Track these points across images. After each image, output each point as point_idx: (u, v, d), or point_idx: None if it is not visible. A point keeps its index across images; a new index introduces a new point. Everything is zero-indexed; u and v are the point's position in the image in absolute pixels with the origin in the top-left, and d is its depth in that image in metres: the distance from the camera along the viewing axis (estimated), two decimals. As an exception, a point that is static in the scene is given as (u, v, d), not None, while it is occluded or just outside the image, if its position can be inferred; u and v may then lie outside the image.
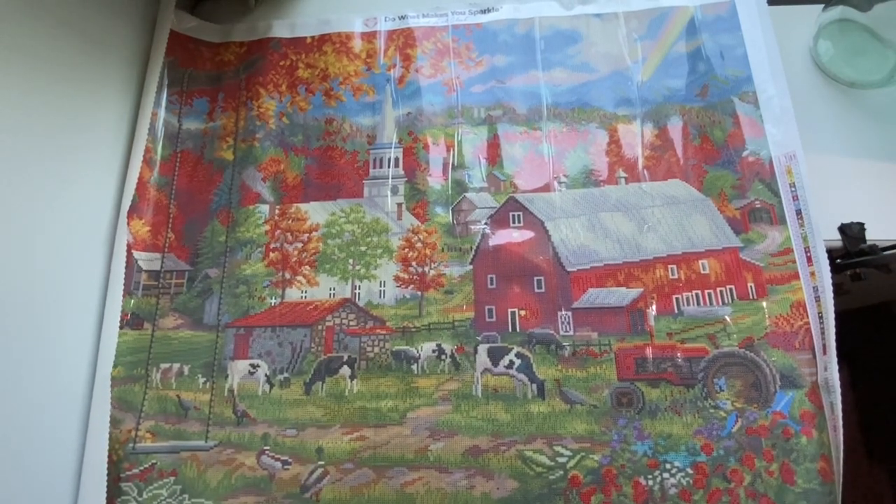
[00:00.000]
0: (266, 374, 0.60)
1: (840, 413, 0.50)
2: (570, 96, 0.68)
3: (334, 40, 0.74)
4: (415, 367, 0.59)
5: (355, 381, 0.59)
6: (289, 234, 0.66)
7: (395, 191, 0.67)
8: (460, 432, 0.56)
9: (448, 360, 0.59)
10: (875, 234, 0.58)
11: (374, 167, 0.68)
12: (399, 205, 0.66)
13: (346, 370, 0.59)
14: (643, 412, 0.55)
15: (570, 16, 0.71)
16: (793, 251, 0.57)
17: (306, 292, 0.64)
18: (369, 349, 0.60)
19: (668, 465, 0.53)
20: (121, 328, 0.61)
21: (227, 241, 0.66)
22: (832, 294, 0.53)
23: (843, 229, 0.59)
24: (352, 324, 0.62)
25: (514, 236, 0.63)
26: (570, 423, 0.55)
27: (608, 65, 0.69)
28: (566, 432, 0.55)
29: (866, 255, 0.57)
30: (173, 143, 0.69)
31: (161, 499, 0.56)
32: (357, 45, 0.74)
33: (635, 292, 0.59)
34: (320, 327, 0.62)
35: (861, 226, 0.58)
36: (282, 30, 0.75)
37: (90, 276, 0.62)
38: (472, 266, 0.62)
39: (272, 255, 0.65)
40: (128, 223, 0.64)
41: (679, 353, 0.56)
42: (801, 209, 0.58)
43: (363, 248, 0.65)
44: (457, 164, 0.67)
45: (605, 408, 0.55)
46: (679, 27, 0.69)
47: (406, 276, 0.63)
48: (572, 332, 0.58)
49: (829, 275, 0.54)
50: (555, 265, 0.61)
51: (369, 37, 0.74)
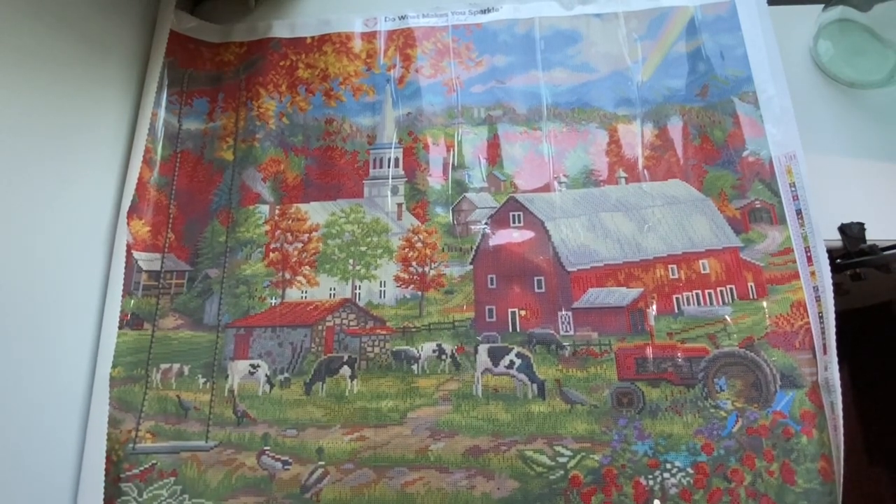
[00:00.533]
0: (266, 375, 0.60)
1: (840, 413, 0.50)
2: (570, 96, 0.68)
3: (334, 40, 0.74)
4: (415, 367, 0.59)
5: (355, 382, 0.59)
6: (289, 234, 0.66)
7: (395, 191, 0.67)
8: (461, 432, 0.56)
9: (448, 360, 0.59)
10: (875, 234, 0.58)
11: (374, 167, 0.68)
12: (399, 205, 0.66)
13: (346, 370, 0.59)
14: (644, 412, 0.55)
15: (570, 16, 0.71)
16: (793, 251, 0.57)
17: (306, 292, 0.64)
18: (369, 349, 0.60)
19: (668, 465, 0.53)
20: (121, 328, 0.61)
21: (228, 242, 0.66)
22: (832, 294, 0.53)
23: (843, 229, 0.59)
24: (352, 324, 0.62)
25: (514, 236, 0.63)
26: (570, 423, 0.55)
27: (608, 65, 0.69)
28: (567, 432, 0.55)
29: (866, 255, 0.57)
30: (173, 143, 0.69)
31: (161, 499, 0.56)
32: (357, 45, 0.74)
33: (635, 292, 0.59)
34: (320, 327, 0.62)
35: (861, 226, 0.58)
36: (282, 30, 0.75)
37: (90, 276, 0.62)
38: (472, 266, 0.62)
39: (272, 255, 0.65)
40: (128, 223, 0.64)
41: (679, 353, 0.56)
42: (801, 209, 0.58)
43: (363, 249, 0.65)
44: (457, 164, 0.67)
45: (605, 408, 0.55)
46: (679, 27, 0.69)
47: (406, 276, 0.63)
48: (573, 332, 0.58)
49: (830, 274, 0.53)
50: (555, 265, 0.61)
51: (369, 37, 0.74)
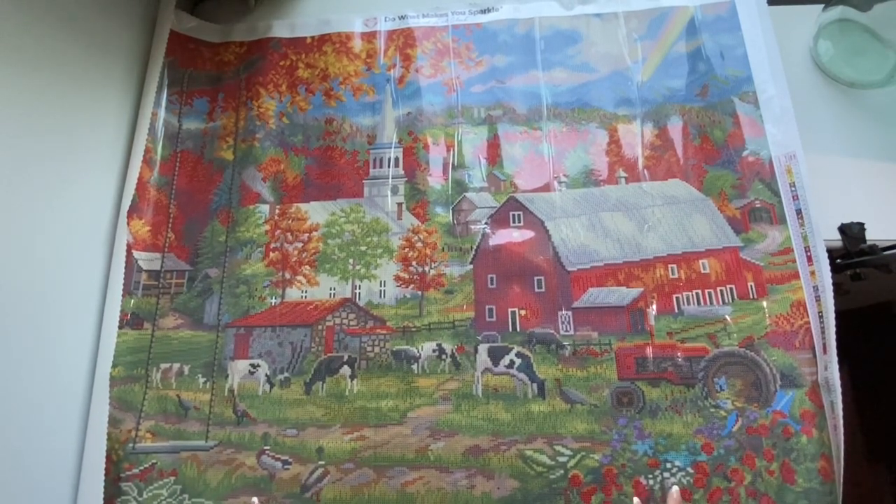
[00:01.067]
0: (266, 374, 0.60)
1: (840, 412, 0.50)
2: (570, 96, 0.68)
3: (334, 40, 0.74)
4: (415, 366, 0.59)
5: (355, 381, 0.59)
6: (289, 233, 0.66)
7: (395, 191, 0.67)
8: (461, 432, 0.56)
9: (448, 359, 0.59)
10: (875, 234, 0.58)
11: (374, 167, 0.68)
12: (399, 205, 0.66)
13: (346, 370, 0.59)
14: (643, 411, 0.55)
15: (570, 16, 0.71)
16: (793, 251, 0.57)
17: (306, 292, 0.64)
18: (369, 349, 0.60)
19: (668, 465, 0.53)
20: (121, 328, 0.61)
21: (228, 241, 0.66)
22: (832, 293, 0.53)
23: (843, 229, 0.59)
24: (352, 323, 0.62)
25: (514, 236, 0.63)
26: (570, 423, 0.55)
27: (608, 65, 0.69)
28: (566, 432, 0.55)
29: (866, 255, 0.57)
30: (173, 143, 0.69)
31: (161, 499, 0.56)
32: (357, 45, 0.74)
33: (635, 292, 0.59)
34: (320, 327, 0.62)
35: (861, 226, 0.58)
36: (282, 30, 0.75)
37: (90, 276, 0.62)
38: (472, 266, 0.62)
39: (272, 254, 0.65)
40: (128, 223, 0.64)
41: (679, 353, 0.56)
42: (801, 209, 0.58)
43: (363, 248, 0.65)
44: (457, 163, 0.67)
45: (605, 407, 0.55)
46: (679, 27, 0.69)
47: (406, 276, 0.63)
48: (573, 332, 0.58)
49: (829, 274, 0.53)
50: (555, 265, 0.61)
51: (369, 37, 0.74)
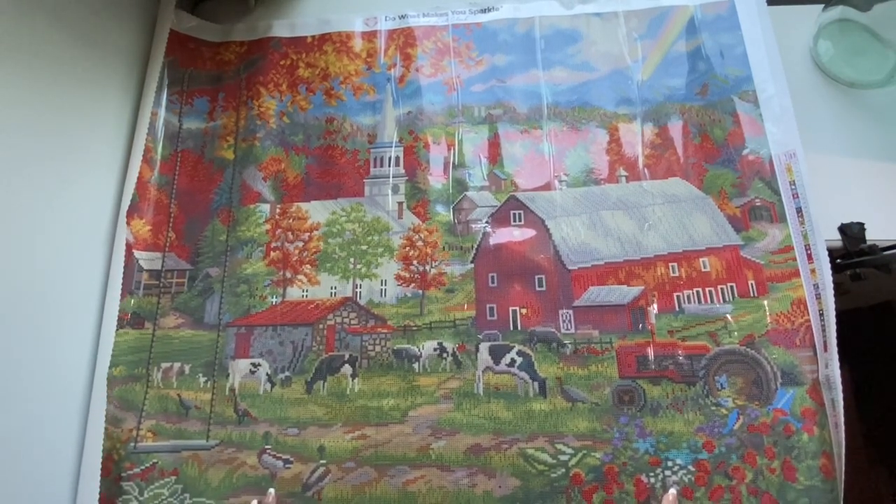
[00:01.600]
0: (267, 373, 0.60)
1: (841, 410, 0.50)
2: (570, 95, 0.68)
3: (335, 40, 0.74)
4: (416, 365, 0.59)
5: (357, 380, 0.59)
6: (290, 233, 0.66)
7: (395, 190, 0.67)
8: (462, 430, 0.56)
9: (449, 358, 0.59)
10: (875, 234, 0.58)
11: (375, 166, 0.68)
12: (400, 204, 0.66)
13: (347, 369, 0.59)
14: (645, 410, 0.55)
15: (571, 15, 0.71)
16: (793, 249, 0.57)
17: (307, 291, 0.64)
18: (370, 348, 0.60)
19: (669, 463, 0.53)
20: (122, 327, 0.61)
21: (228, 241, 0.66)
22: (833, 291, 0.53)
23: (843, 229, 0.59)
24: (353, 322, 0.62)
25: (514, 235, 0.63)
26: (571, 421, 0.55)
27: (608, 64, 0.69)
28: (568, 430, 0.55)
29: (866, 255, 0.57)
30: (174, 142, 0.69)
31: (162, 498, 0.55)
32: (357, 44, 0.74)
33: (636, 290, 0.59)
34: (321, 326, 0.62)
35: (861, 226, 0.58)
36: (282, 29, 0.75)
37: (90, 275, 0.62)
38: (473, 264, 0.62)
39: (273, 254, 0.65)
40: (128, 223, 0.64)
41: (680, 351, 0.56)
42: (801, 207, 0.58)
43: (364, 247, 0.64)
44: (457, 162, 0.67)
45: (606, 405, 0.55)
46: (679, 26, 0.69)
47: (407, 275, 0.63)
48: (573, 330, 0.58)
49: (830, 272, 0.53)
50: (556, 263, 0.61)
51: (370, 36, 0.74)
